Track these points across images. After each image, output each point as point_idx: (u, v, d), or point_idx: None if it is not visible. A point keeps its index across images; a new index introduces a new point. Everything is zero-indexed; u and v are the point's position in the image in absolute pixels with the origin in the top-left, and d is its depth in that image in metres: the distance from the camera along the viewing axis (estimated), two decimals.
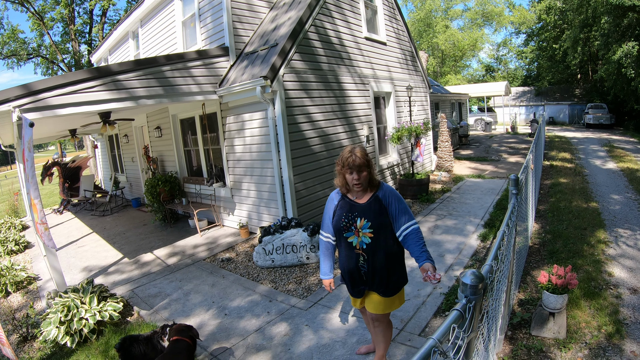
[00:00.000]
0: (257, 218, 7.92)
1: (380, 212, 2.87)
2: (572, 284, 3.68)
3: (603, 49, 22.10)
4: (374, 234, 2.87)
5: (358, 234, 2.92)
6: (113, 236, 9.07)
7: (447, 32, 42.29)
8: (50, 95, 5.32)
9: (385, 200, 2.88)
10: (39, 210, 4.86)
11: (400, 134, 9.48)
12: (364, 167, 2.82)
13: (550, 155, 15.01)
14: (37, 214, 4.87)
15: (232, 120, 7.89)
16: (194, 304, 5.13)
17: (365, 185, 2.90)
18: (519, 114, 34.59)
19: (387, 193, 2.90)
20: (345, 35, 8.71)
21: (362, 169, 2.82)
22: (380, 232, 2.87)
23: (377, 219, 2.86)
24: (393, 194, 2.91)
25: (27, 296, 6.05)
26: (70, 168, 13.31)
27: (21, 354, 4.35)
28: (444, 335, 1.40)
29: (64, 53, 25.55)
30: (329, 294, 4.99)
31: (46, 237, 4.89)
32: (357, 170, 2.82)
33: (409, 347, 3.72)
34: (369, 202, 2.90)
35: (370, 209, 2.88)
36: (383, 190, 2.92)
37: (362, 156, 2.82)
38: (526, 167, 4.84)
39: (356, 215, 2.91)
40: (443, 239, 6.69)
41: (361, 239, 2.91)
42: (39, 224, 4.87)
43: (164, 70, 6.69)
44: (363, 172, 2.83)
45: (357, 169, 2.82)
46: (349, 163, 2.83)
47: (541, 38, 37.57)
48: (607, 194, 8.70)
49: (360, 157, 2.81)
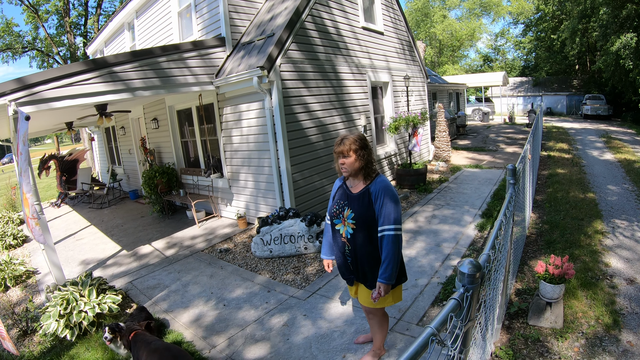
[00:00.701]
0: (254, 209, 7.92)
1: (366, 206, 2.81)
2: (569, 274, 3.69)
3: (601, 40, 22.02)
4: (355, 226, 2.85)
5: (344, 222, 2.91)
6: (111, 228, 9.07)
7: (444, 22, 42.20)
8: (46, 88, 5.28)
9: (374, 194, 2.81)
10: (30, 205, 4.82)
11: (397, 124, 9.46)
12: (349, 152, 2.80)
13: (548, 146, 15.02)
14: (29, 208, 4.84)
15: (229, 111, 7.86)
16: (193, 295, 5.14)
17: (351, 172, 2.86)
18: (517, 105, 34.57)
19: (379, 188, 2.80)
20: (342, 25, 8.65)
21: (347, 154, 2.80)
22: (362, 225, 2.83)
23: (360, 212, 2.82)
24: (384, 191, 2.79)
25: (26, 290, 6.04)
26: (67, 161, 13.26)
27: (21, 347, 4.35)
28: (441, 324, 1.41)
29: (60, 46, 25.36)
30: (327, 284, 5.01)
31: (36, 233, 4.86)
32: (343, 155, 2.83)
33: (407, 336, 3.73)
34: (360, 193, 2.86)
35: (358, 201, 2.85)
36: (376, 184, 2.83)
37: (351, 142, 2.80)
38: (524, 157, 4.85)
39: (346, 204, 2.91)
40: (440, 228, 6.71)
41: (346, 228, 2.91)
42: (30, 218, 4.85)
43: (160, 62, 6.64)
44: (349, 158, 2.80)
45: (342, 154, 2.83)
46: (335, 147, 2.87)
47: (539, 28, 37.46)
48: (604, 185, 8.72)
49: (347, 142, 2.80)
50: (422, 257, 5.61)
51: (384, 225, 2.74)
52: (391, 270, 2.72)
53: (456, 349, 1.61)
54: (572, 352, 3.34)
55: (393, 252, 2.71)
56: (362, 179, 2.89)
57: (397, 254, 2.74)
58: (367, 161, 2.85)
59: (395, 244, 2.72)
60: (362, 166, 2.83)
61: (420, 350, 1.26)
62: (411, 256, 5.66)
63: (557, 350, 3.39)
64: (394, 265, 2.72)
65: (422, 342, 1.28)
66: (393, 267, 2.73)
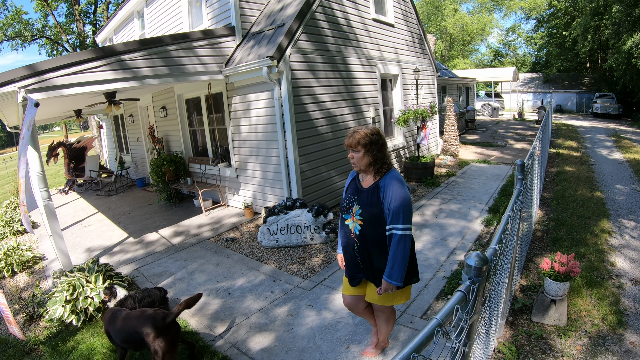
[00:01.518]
0: (261, 198, 7.95)
1: (375, 203, 2.68)
2: (574, 272, 3.68)
3: (613, 38, 21.77)
4: (363, 223, 2.72)
5: (353, 218, 2.80)
6: (118, 216, 9.14)
7: (455, 15, 41.77)
8: (55, 75, 5.28)
9: (382, 190, 2.66)
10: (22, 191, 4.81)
11: (406, 116, 9.43)
12: (357, 146, 2.69)
13: (557, 143, 14.90)
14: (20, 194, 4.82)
15: (238, 100, 7.86)
16: (198, 283, 5.19)
17: (361, 167, 2.75)
18: (527, 101, 34.27)
19: (387, 184, 2.65)
20: (352, 16, 8.60)
21: (355, 148, 2.70)
22: (370, 222, 2.70)
23: (368, 208, 2.70)
24: (393, 187, 2.63)
25: (33, 276, 6.11)
26: (75, 148, 13.35)
27: (28, 332, 4.41)
28: (447, 315, 1.42)
29: (69, 34, 25.43)
30: (332, 275, 5.03)
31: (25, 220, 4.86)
32: (352, 149, 2.73)
33: (411, 329, 3.75)
34: (369, 188, 2.74)
35: (366, 196, 2.73)
36: (385, 180, 2.69)
37: (360, 137, 2.68)
38: (532, 153, 4.81)
39: (355, 198, 2.80)
40: (447, 222, 6.70)
41: (355, 224, 2.78)
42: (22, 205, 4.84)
43: (169, 50, 6.64)
44: (358, 153, 2.70)
45: (350, 147, 2.73)
46: (345, 140, 2.77)
47: (551, 25, 37.06)
48: (612, 184, 8.65)
49: (357, 136, 2.68)
50: (428, 250, 5.61)
51: (392, 223, 2.60)
52: (397, 271, 2.60)
53: (460, 342, 1.61)
54: (574, 351, 3.34)
55: (400, 252, 2.59)
56: (372, 174, 2.77)
57: (404, 254, 2.60)
58: (377, 157, 2.71)
59: (403, 244, 2.58)
60: (370, 162, 2.71)
61: (425, 341, 1.26)
62: (417, 249, 5.64)
63: (560, 348, 3.38)
64: (399, 265, 2.60)
65: (428, 332, 1.29)
66: (399, 268, 2.60)
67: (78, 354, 3.87)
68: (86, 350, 3.90)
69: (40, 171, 5.09)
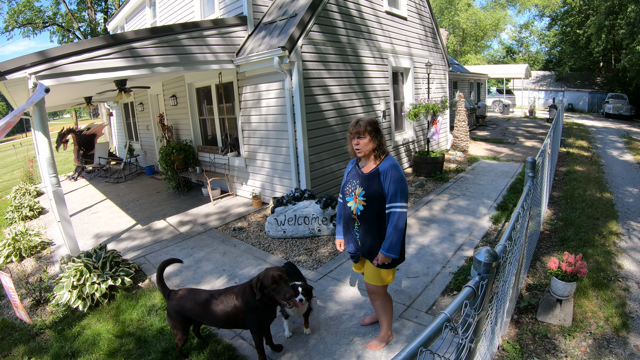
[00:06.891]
0: (270, 189, 7.96)
1: (376, 184, 2.99)
2: (581, 272, 3.65)
3: (628, 38, 21.46)
4: (366, 203, 3.03)
5: (356, 200, 3.10)
6: (126, 203, 9.20)
7: (469, 10, 41.35)
8: (66, 62, 5.30)
9: (383, 174, 2.98)
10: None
11: (417, 110, 9.38)
12: (364, 133, 2.99)
13: (567, 143, 14.76)
14: None
15: (248, 90, 7.85)
16: (205, 272, 5.21)
17: (365, 153, 3.05)
18: (538, 99, 33.96)
19: (387, 167, 2.98)
20: (365, 8, 8.54)
21: (361, 135, 3.00)
22: (372, 202, 3.01)
23: (370, 189, 3.01)
24: (392, 170, 2.96)
25: (40, 261, 6.17)
26: (85, 135, 13.43)
27: (34, 317, 4.46)
28: (455, 310, 1.41)
29: (80, 21, 25.48)
30: (338, 267, 5.04)
31: None
32: (357, 136, 3.03)
33: (415, 323, 3.75)
34: (370, 172, 3.05)
35: (368, 180, 3.03)
36: (384, 163, 3.02)
37: (365, 124, 2.99)
38: (543, 151, 4.77)
39: (358, 183, 3.10)
40: (455, 218, 6.68)
41: (357, 205, 3.09)
42: None
43: (180, 39, 6.63)
44: (364, 139, 3.00)
45: (357, 135, 3.03)
46: (351, 128, 3.07)
47: (565, 23, 36.63)
48: (622, 186, 8.56)
49: (362, 124, 3.00)
50: (435, 245, 5.59)
51: (392, 202, 2.94)
52: (395, 243, 2.93)
53: (467, 338, 1.61)
54: (578, 352, 3.32)
55: (399, 227, 2.93)
56: (372, 160, 3.09)
57: (401, 229, 2.94)
58: (380, 143, 3.05)
59: (401, 220, 2.93)
60: (374, 147, 3.04)
61: (433, 335, 1.26)
62: (424, 244, 5.65)
63: (564, 348, 3.37)
64: (397, 239, 2.93)
65: (436, 327, 1.28)
66: (396, 241, 2.93)
67: (84, 339, 3.91)
68: (92, 335, 3.95)
69: (49, 157, 5.10)
